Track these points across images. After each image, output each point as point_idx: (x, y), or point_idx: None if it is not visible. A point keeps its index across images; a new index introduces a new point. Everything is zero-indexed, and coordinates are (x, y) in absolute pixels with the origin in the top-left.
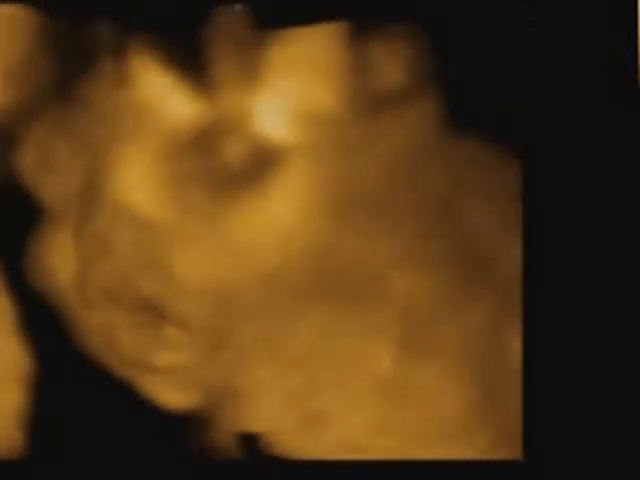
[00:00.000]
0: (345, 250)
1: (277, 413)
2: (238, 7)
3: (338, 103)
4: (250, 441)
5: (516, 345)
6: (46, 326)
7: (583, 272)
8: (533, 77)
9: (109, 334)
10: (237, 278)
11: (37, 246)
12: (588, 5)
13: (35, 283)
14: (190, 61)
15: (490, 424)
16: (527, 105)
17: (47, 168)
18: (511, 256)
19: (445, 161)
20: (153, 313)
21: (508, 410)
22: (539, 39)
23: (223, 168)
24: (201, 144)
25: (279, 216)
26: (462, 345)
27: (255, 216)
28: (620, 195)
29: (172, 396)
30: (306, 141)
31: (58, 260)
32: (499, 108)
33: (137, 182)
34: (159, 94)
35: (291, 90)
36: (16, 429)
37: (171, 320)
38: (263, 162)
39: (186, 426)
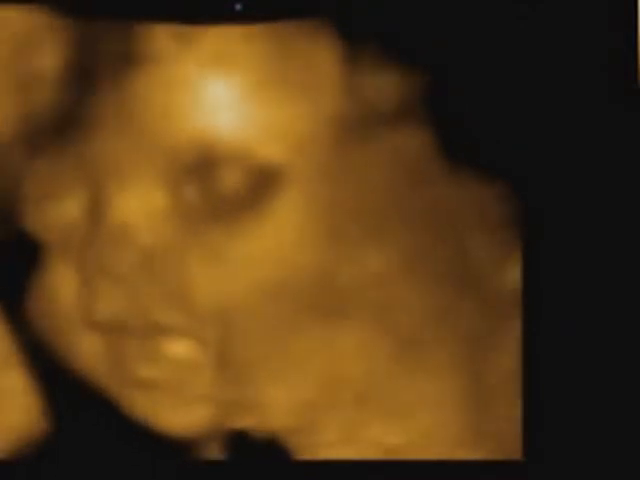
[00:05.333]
0: (342, 268)
1: (279, 421)
2: (238, 7)
3: (333, 127)
4: (254, 444)
5: (515, 347)
6: (47, 357)
7: (582, 268)
8: (533, 77)
9: (114, 357)
10: (239, 298)
11: (38, 277)
12: (588, 5)
13: (37, 315)
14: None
15: (490, 426)
16: (526, 106)
17: (49, 197)
18: (508, 271)
19: (441, 185)
20: (160, 335)
21: (508, 411)
22: (539, 39)
23: (222, 192)
24: (200, 168)
25: (277, 238)
26: (459, 353)
27: (254, 238)
28: (620, 195)
29: (177, 416)
30: (302, 164)
31: (61, 290)
32: (497, 109)
33: (139, 207)
34: (159, 120)
35: (288, 114)
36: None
37: (177, 341)
38: (261, 185)
39: (189, 446)
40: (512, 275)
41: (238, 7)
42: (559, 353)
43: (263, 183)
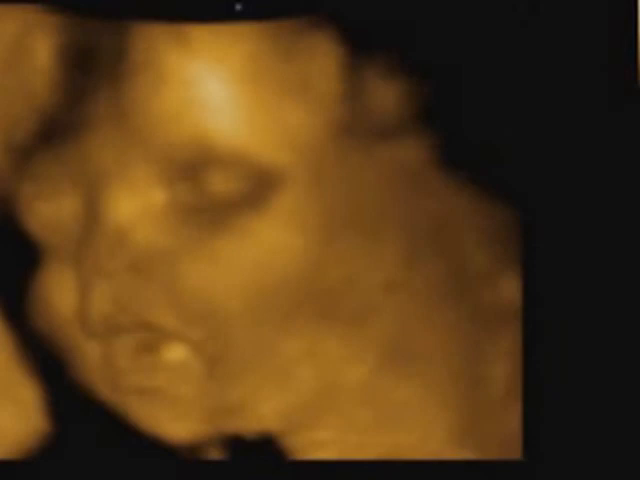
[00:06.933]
0: (335, 272)
1: (268, 423)
2: (238, 7)
3: (332, 131)
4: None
5: (515, 350)
6: (47, 360)
7: (580, 271)
8: (532, 77)
9: (110, 363)
10: (233, 300)
11: (37, 279)
12: (588, 5)
13: (36, 317)
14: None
15: (490, 426)
16: (526, 107)
17: (44, 197)
18: (503, 280)
19: (439, 195)
20: (153, 337)
21: (508, 411)
22: (539, 39)
23: (218, 193)
24: (196, 169)
25: (272, 241)
26: (458, 357)
27: (249, 240)
28: (620, 195)
29: (172, 421)
30: (300, 168)
31: (58, 292)
32: (496, 108)
33: (135, 208)
34: (155, 120)
35: (287, 117)
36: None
37: (171, 343)
38: (257, 187)
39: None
40: (511, 282)
41: (238, 7)
42: (558, 355)
43: (259, 185)
